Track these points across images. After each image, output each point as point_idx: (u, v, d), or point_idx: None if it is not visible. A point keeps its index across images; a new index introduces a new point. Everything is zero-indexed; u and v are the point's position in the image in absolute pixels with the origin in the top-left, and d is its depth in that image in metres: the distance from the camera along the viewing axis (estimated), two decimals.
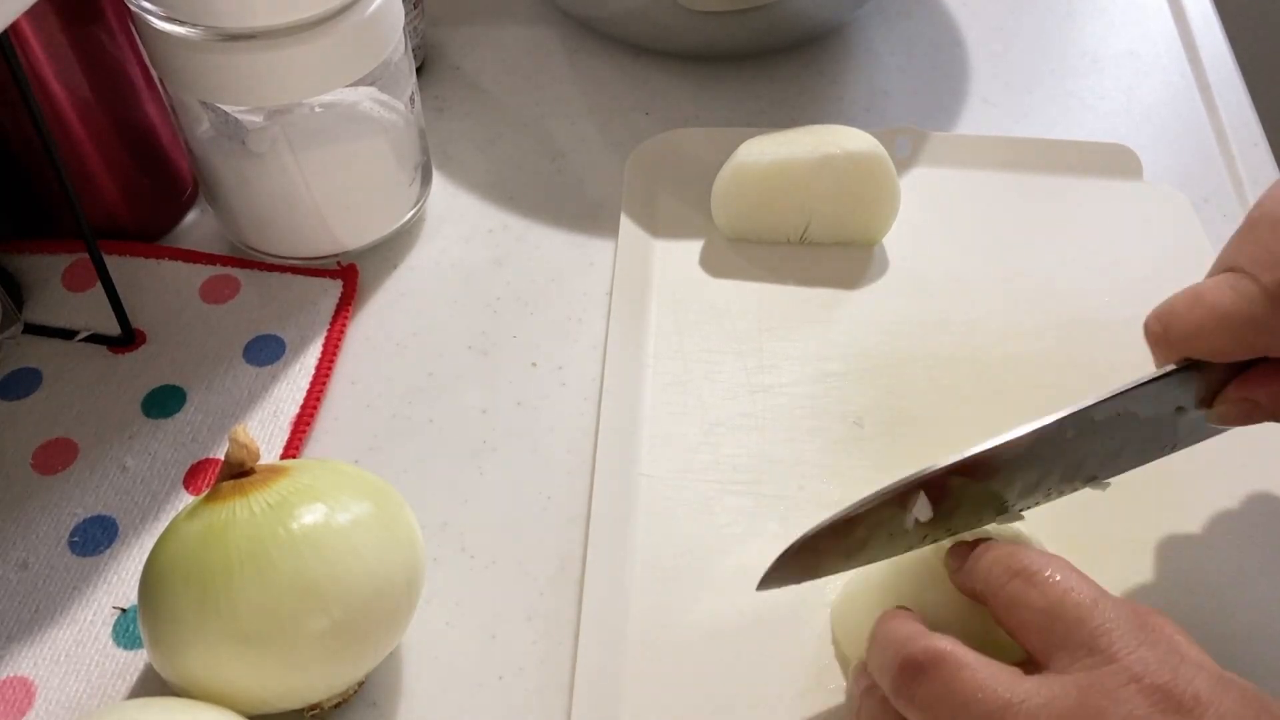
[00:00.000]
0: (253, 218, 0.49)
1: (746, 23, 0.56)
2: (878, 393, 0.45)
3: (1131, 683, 0.28)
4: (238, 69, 0.42)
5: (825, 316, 0.48)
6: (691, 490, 0.42)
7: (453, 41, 0.62)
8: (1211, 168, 0.56)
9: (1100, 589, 0.31)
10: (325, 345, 0.47)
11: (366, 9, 0.43)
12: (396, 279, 0.51)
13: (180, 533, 0.34)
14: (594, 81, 0.60)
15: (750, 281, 0.49)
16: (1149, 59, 0.62)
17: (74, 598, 0.39)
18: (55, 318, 0.48)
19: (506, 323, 0.49)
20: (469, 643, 0.39)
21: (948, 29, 0.64)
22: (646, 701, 0.37)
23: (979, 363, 0.46)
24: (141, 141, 0.50)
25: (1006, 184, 0.54)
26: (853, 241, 0.50)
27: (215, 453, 0.44)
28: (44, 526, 0.41)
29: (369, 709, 0.38)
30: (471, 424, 0.45)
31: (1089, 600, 0.30)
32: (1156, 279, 0.49)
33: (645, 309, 0.48)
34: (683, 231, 0.51)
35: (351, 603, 0.33)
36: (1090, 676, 0.28)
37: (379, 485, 0.37)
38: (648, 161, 0.54)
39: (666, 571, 0.40)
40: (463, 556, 0.41)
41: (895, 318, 0.48)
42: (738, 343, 0.47)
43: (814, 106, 0.59)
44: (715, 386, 0.45)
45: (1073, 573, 0.31)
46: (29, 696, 0.37)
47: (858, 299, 0.49)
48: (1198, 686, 0.28)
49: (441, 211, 0.54)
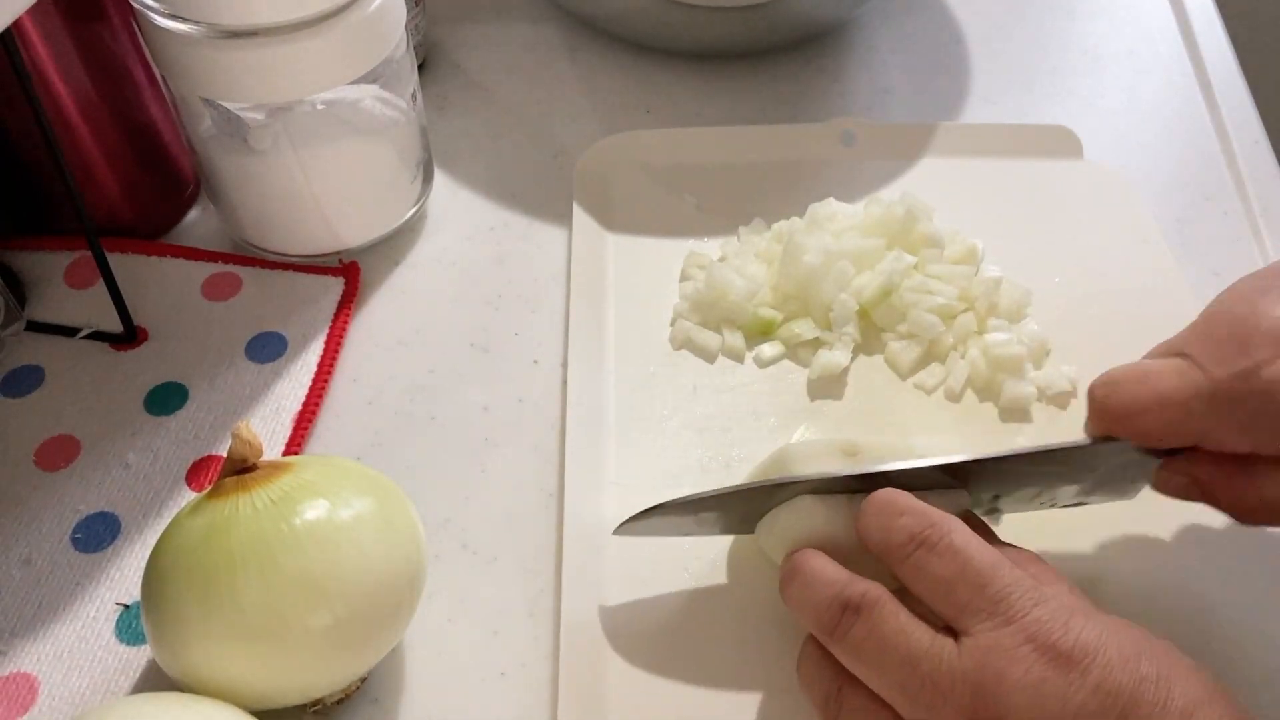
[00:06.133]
0: (255, 215, 0.49)
1: (748, 20, 0.57)
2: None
3: (1027, 643, 0.30)
4: (240, 66, 0.42)
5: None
6: (663, 496, 0.42)
7: (454, 39, 0.62)
8: (1212, 166, 0.56)
9: (997, 553, 0.32)
10: (327, 342, 0.47)
11: (368, 6, 0.43)
12: (398, 276, 0.51)
13: (183, 528, 0.34)
14: (595, 79, 0.60)
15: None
16: (1150, 57, 0.62)
17: (77, 594, 0.40)
18: (57, 315, 0.48)
19: (508, 320, 0.49)
20: (471, 639, 0.39)
21: (949, 27, 0.64)
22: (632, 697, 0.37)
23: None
24: (143, 139, 0.50)
25: (951, 169, 0.54)
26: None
27: (217, 449, 0.44)
28: (47, 523, 0.41)
29: (371, 705, 0.38)
30: (473, 421, 0.45)
31: (988, 566, 0.32)
32: (1102, 256, 0.50)
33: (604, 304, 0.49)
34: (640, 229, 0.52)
35: (354, 598, 0.33)
36: (991, 638, 0.30)
37: (381, 481, 0.37)
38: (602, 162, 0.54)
39: (644, 570, 0.40)
40: (465, 553, 0.41)
41: None
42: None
43: (815, 104, 0.59)
44: (679, 387, 0.46)
45: (971, 538, 0.33)
46: (32, 692, 0.37)
47: None
48: (1086, 637, 0.30)
49: (443, 209, 0.54)
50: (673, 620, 0.39)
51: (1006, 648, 0.30)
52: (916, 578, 0.32)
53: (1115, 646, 0.30)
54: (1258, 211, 0.53)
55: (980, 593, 0.31)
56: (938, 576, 0.32)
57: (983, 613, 0.31)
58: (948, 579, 0.32)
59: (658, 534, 0.38)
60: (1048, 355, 0.46)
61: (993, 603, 0.31)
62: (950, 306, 0.46)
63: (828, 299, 0.46)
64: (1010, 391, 0.45)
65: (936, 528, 0.33)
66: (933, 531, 0.33)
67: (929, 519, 0.33)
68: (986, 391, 0.45)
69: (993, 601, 0.31)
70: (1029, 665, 0.30)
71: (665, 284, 0.49)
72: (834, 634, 0.33)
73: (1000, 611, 0.31)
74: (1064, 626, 0.30)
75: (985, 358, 0.46)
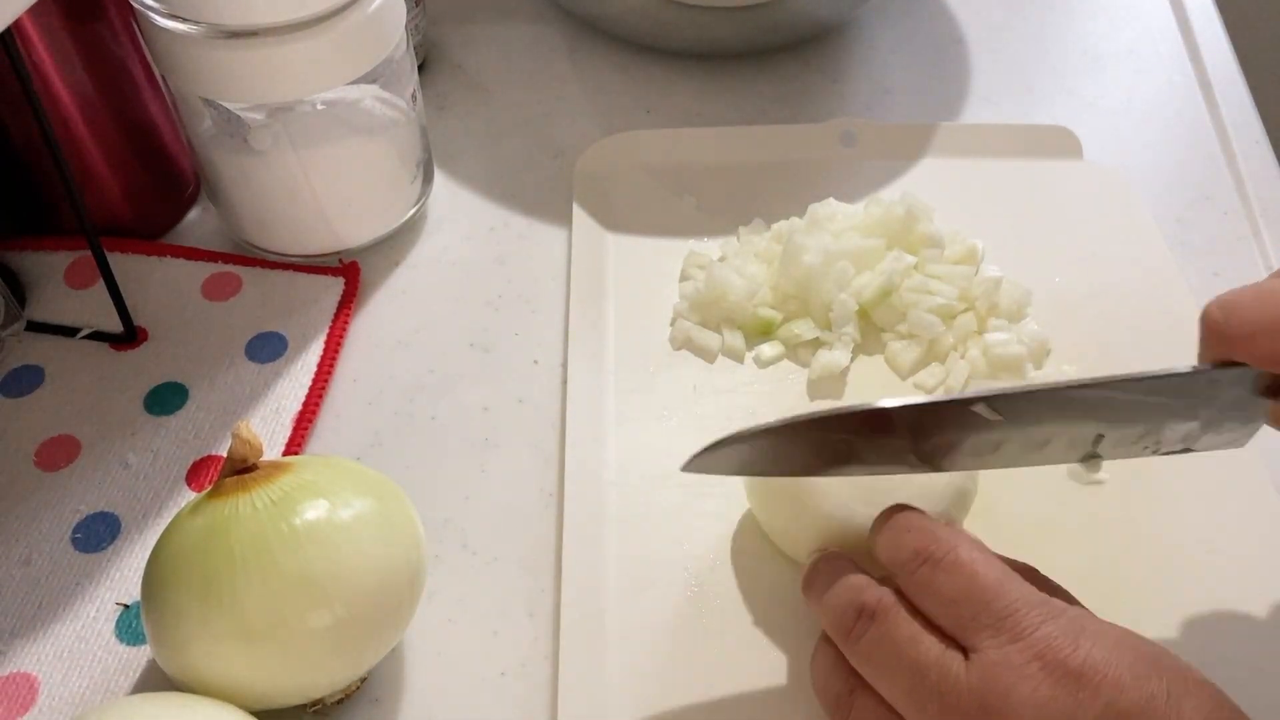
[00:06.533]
0: (255, 215, 0.49)
1: (748, 20, 0.57)
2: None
3: (1035, 659, 0.30)
4: (240, 66, 0.42)
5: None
6: (663, 496, 0.42)
7: (454, 39, 0.62)
8: (1212, 166, 0.56)
9: (1005, 568, 0.32)
10: (327, 342, 0.47)
11: (368, 7, 0.44)
12: (398, 276, 0.51)
13: (183, 528, 0.34)
14: (595, 79, 0.60)
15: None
16: (1150, 56, 0.62)
17: (77, 594, 0.40)
18: (57, 315, 0.48)
19: (508, 320, 0.49)
20: (471, 639, 0.39)
21: (949, 27, 0.64)
22: (632, 696, 0.37)
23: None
24: (144, 139, 0.50)
25: (951, 169, 0.54)
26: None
27: (217, 449, 0.44)
28: (47, 523, 0.41)
29: (371, 705, 0.38)
30: (473, 421, 0.45)
31: (994, 583, 0.31)
32: (1102, 256, 0.50)
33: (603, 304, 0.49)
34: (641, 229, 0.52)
35: (354, 598, 0.33)
36: (999, 654, 0.30)
37: (381, 482, 0.37)
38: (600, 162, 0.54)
39: (643, 570, 0.40)
40: (465, 553, 0.41)
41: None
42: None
43: (815, 104, 0.59)
44: (679, 387, 0.46)
45: (978, 553, 0.32)
46: (32, 692, 0.37)
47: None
48: (1095, 656, 0.29)
49: (443, 209, 0.54)
50: (673, 620, 0.39)
51: (1014, 664, 0.30)
52: (924, 594, 0.32)
53: (1126, 664, 0.29)
54: (1258, 211, 0.53)
55: (987, 608, 0.31)
56: (944, 593, 0.31)
57: (989, 629, 0.30)
58: (953, 596, 0.31)
59: (724, 472, 0.36)
60: (1048, 355, 0.46)
61: (999, 619, 0.30)
62: (950, 306, 0.46)
63: (828, 299, 0.46)
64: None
65: (942, 543, 0.32)
66: (938, 547, 0.32)
67: (934, 534, 0.33)
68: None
69: (999, 618, 0.30)
70: (1037, 684, 0.29)
71: (665, 284, 0.49)
72: (848, 637, 0.33)
73: (1007, 628, 0.30)
74: (1073, 644, 0.30)
75: (985, 358, 0.46)
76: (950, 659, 0.31)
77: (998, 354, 0.45)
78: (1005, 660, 0.30)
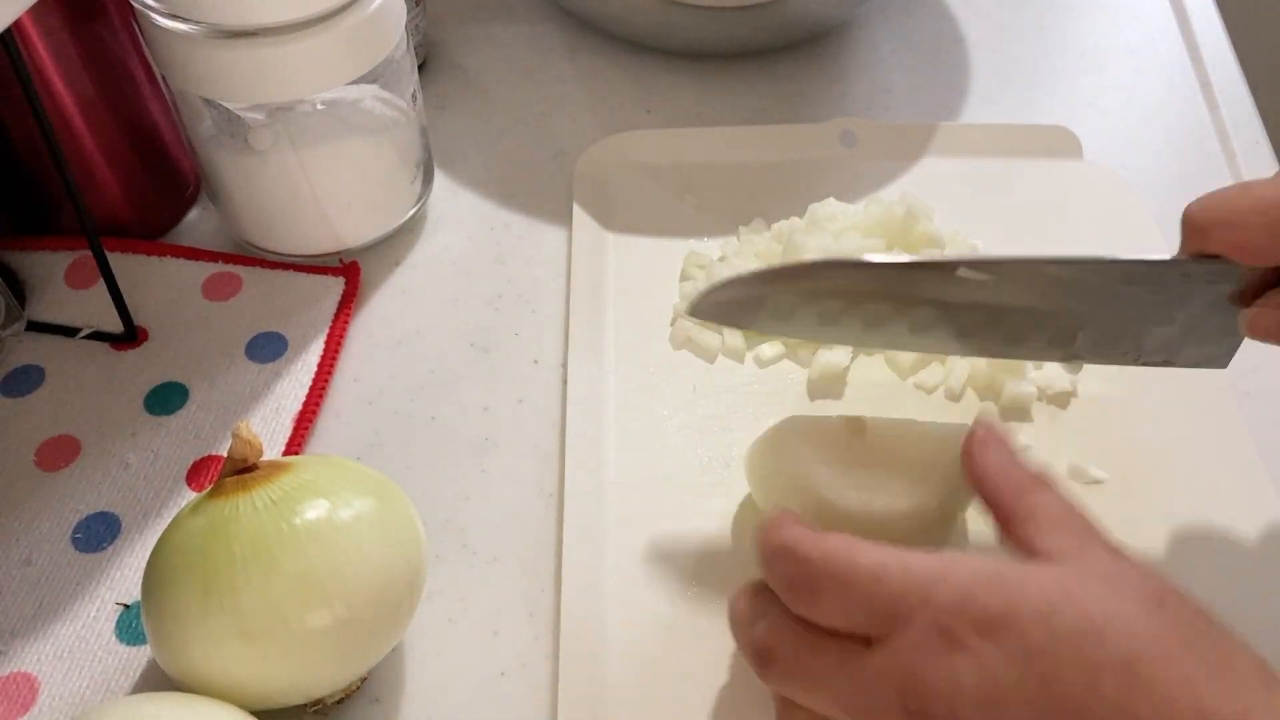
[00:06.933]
0: (255, 215, 0.49)
1: (748, 20, 0.57)
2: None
3: (931, 629, 0.29)
4: (240, 66, 0.42)
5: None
6: (663, 496, 0.42)
7: (454, 39, 0.62)
8: (1212, 166, 0.56)
9: (881, 556, 0.30)
10: (327, 342, 0.47)
11: (369, 6, 0.44)
12: (398, 276, 0.51)
13: (183, 528, 0.34)
14: (596, 79, 0.60)
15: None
16: (1150, 56, 0.62)
17: (77, 594, 0.40)
18: (57, 315, 0.48)
19: (508, 320, 0.49)
20: (471, 639, 0.39)
21: (949, 26, 0.64)
22: (630, 693, 0.37)
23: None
24: (144, 139, 0.50)
25: (951, 169, 0.54)
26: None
27: (218, 449, 0.44)
28: (47, 523, 0.41)
29: (371, 705, 0.38)
30: (473, 421, 0.45)
31: (870, 580, 0.30)
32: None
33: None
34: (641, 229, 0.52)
35: (354, 598, 0.33)
36: (899, 641, 0.29)
37: (381, 481, 0.37)
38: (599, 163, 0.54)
39: (643, 570, 0.40)
40: (465, 553, 0.41)
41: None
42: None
43: (815, 104, 0.59)
44: (679, 387, 0.46)
45: (848, 553, 0.31)
46: (33, 692, 0.37)
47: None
48: (992, 608, 0.28)
49: (443, 209, 0.54)
50: (673, 619, 0.39)
51: (915, 644, 0.29)
52: (813, 616, 0.31)
53: (1027, 606, 0.28)
54: None
55: (871, 606, 0.30)
56: (829, 610, 0.31)
57: (884, 624, 0.30)
58: (838, 609, 0.31)
59: (727, 322, 0.36)
60: None
61: (887, 613, 0.30)
62: None
63: None
64: (1010, 391, 0.45)
65: (810, 563, 0.31)
66: (806, 569, 0.31)
67: (798, 553, 0.31)
68: (987, 391, 0.45)
69: (887, 613, 0.30)
70: (939, 653, 0.29)
71: (665, 284, 0.49)
72: (762, 677, 0.32)
73: (898, 616, 0.30)
74: (962, 606, 0.29)
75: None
76: (856, 667, 0.30)
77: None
78: (906, 643, 0.29)
